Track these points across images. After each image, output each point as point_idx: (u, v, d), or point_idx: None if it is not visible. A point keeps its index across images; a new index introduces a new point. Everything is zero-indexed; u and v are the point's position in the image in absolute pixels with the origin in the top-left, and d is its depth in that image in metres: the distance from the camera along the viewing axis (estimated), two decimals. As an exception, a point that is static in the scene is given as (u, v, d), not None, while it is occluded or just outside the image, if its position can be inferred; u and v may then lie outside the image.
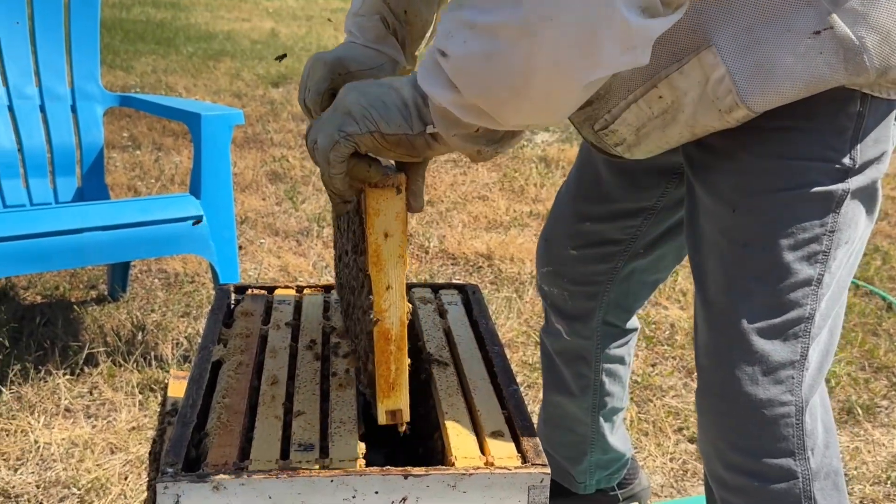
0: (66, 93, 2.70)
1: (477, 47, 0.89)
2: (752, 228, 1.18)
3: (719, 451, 1.25)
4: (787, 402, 1.20)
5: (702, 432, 1.29)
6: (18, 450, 2.02)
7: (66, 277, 2.98)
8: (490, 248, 3.47)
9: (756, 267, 1.18)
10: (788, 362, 1.19)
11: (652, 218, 1.51)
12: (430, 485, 1.01)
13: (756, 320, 1.19)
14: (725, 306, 1.21)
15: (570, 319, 1.65)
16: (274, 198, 4.03)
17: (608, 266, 1.57)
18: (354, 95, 0.99)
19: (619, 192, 1.49)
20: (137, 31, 8.37)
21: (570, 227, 1.56)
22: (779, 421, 1.20)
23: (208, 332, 1.34)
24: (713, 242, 1.23)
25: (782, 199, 1.16)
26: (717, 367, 1.23)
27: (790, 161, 1.15)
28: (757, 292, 1.19)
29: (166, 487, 0.98)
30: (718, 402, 1.24)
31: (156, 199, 2.39)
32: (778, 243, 1.17)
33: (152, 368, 2.39)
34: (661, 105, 1.15)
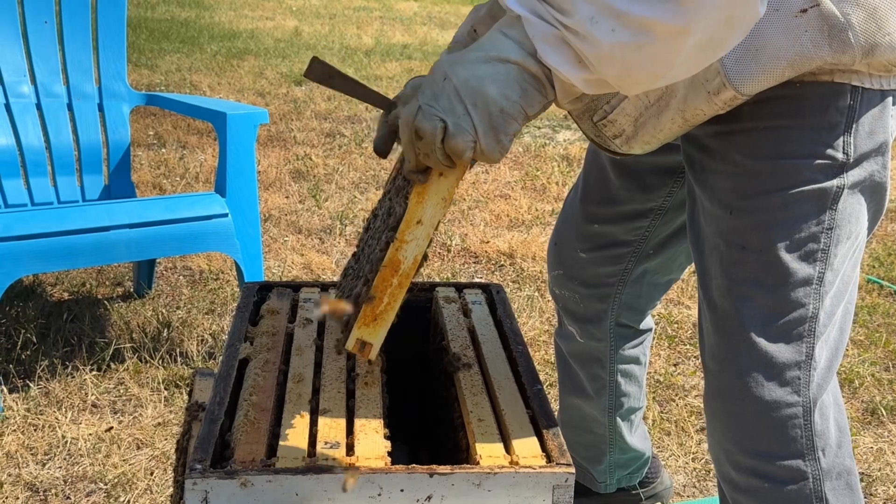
0: (94, 91, 2.72)
1: (627, 37, 0.89)
2: (748, 231, 1.18)
3: (729, 454, 1.25)
4: (794, 404, 1.20)
5: (711, 436, 1.29)
6: (46, 444, 2.05)
7: (92, 274, 3.01)
8: (512, 246, 3.48)
9: (755, 269, 1.18)
10: (794, 363, 1.19)
11: (660, 218, 1.51)
12: (455, 483, 1.01)
13: (759, 323, 1.19)
14: (728, 309, 1.21)
15: (583, 322, 1.65)
16: (297, 196, 4.05)
17: (618, 268, 1.57)
18: (491, 88, 0.97)
19: (626, 193, 1.49)
20: (162, 30, 8.43)
21: (579, 229, 1.56)
22: (786, 422, 1.20)
23: (235, 330, 1.35)
24: (713, 245, 1.23)
25: (776, 200, 1.16)
26: (723, 371, 1.23)
27: (782, 161, 1.15)
28: (758, 295, 1.18)
29: (195, 484, 0.99)
30: (726, 405, 1.24)
31: (182, 198, 2.41)
32: (775, 244, 1.17)
33: (177, 365, 2.41)
34: (657, 92, 1.15)
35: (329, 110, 5.77)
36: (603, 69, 0.93)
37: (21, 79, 2.62)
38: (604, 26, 0.90)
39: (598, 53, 0.92)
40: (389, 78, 6.92)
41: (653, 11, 0.87)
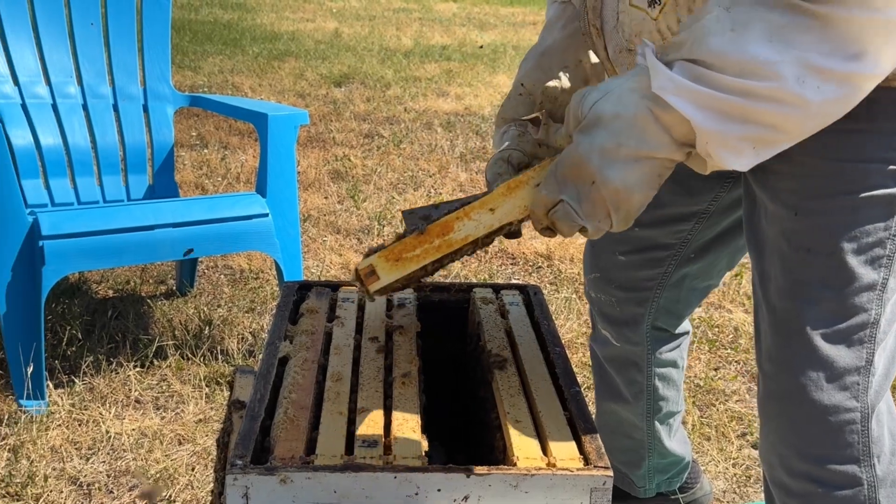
0: (139, 93, 2.77)
1: (832, 94, 0.93)
2: (814, 233, 1.17)
3: (783, 458, 1.24)
4: (853, 409, 1.19)
5: (765, 439, 1.28)
6: (90, 439, 2.09)
7: (136, 272, 3.06)
8: (550, 248, 3.47)
9: (820, 272, 1.17)
10: (854, 368, 1.18)
11: (704, 222, 1.50)
12: (492, 484, 1.02)
13: (821, 326, 1.17)
14: (789, 311, 1.20)
15: (619, 325, 1.64)
16: (336, 196, 4.08)
17: (658, 271, 1.56)
18: (638, 195, 1.03)
19: (669, 196, 1.47)
20: (205, 32, 8.54)
21: (618, 232, 1.55)
22: (844, 427, 1.19)
23: (275, 328, 1.37)
24: (775, 246, 1.22)
25: (845, 203, 1.15)
26: (781, 373, 1.22)
27: (851, 164, 1.14)
28: (821, 298, 1.17)
29: (235, 479, 1.01)
30: (783, 408, 1.23)
31: (223, 198, 2.44)
32: (841, 248, 1.15)
33: (218, 362, 2.44)
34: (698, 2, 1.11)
35: (368, 111, 5.80)
36: (799, 129, 0.96)
37: (68, 80, 2.68)
38: (810, 85, 0.91)
39: (804, 113, 0.93)
40: (428, 79, 6.94)
41: (850, 65, 0.91)
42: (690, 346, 2.65)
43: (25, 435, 2.06)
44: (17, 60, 2.59)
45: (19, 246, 2.13)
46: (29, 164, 2.56)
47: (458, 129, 5.42)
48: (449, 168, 4.58)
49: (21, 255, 2.14)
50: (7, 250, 2.13)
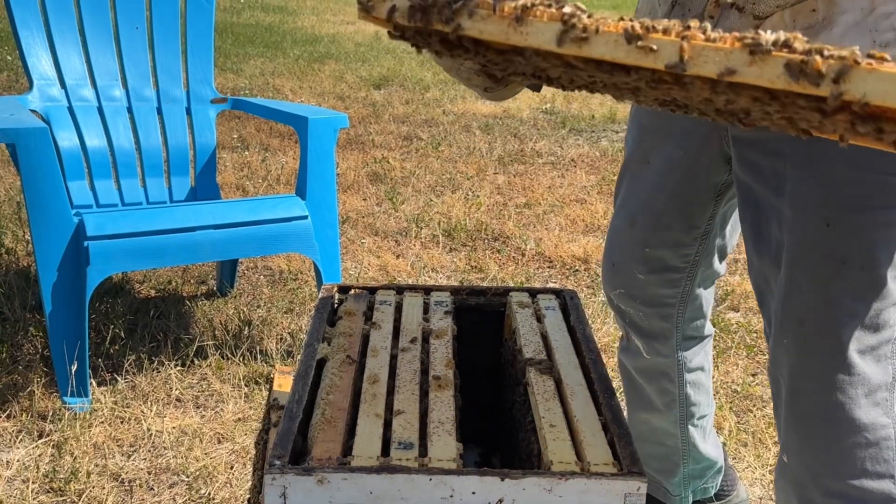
0: (182, 95, 2.82)
1: None
2: (850, 244, 1.15)
3: (817, 477, 1.22)
4: (887, 425, 1.18)
5: (797, 457, 1.25)
6: (132, 437, 2.13)
7: (178, 273, 3.11)
8: (587, 251, 3.46)
9: (856, 285, 1.15)
10: (884, 384, 1.17)
11: (706, 241, 1.50)
12: (526, 488, 1.02)
13: (856, 340, 1.16)
14: (825, 327, 1.18)
15: (649, 338, 1.63)
16: (374, 198, 4.10)
17: (676, 290, 1.56)
18: None
19: (671, 220, 1.47)
20: (247, 35, 8.63)
21: (634, 252, 1.55)
22: (881, 444, 1.17)
23: (313, 330, 1.38)
24: (802, 258, 1.19)
25: (885, 218, 1.13)
26: (820, 391, 1.20)
27: (890, 177, 1.12)
28: (856, 312, 1.15)
29: (273, 479, 1.02)
30: (820, 427, 1.21)
31: (264, 200, 2.47)
32: (879, 261, 1.14)
33: (257, 362, 2.48)
34: (809, 20, 1.08)
35: (407, 114, 5.83)
36: None
37: (113, 83, 2.73)
38: None
39: None
40: (467, 81, 6.95)
41: None
42: (728, 350, 2.63)
43: (69, 431, 2.11)
44: (64, 64, 2.65)
45: (65, 246, 2.18)
46: (75, 166, 2.62)
47: (496, 132, 5.42)
48: (487, 171, 4.59)
49: (66, 255, 2.19)
50: (53, 251, 2.18)
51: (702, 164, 1.39)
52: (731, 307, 2.99)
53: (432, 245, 3.54)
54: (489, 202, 4.09)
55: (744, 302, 3.01)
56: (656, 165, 1.45)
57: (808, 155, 1.17)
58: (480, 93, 1.12)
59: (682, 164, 1.41)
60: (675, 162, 1.42)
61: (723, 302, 3.01)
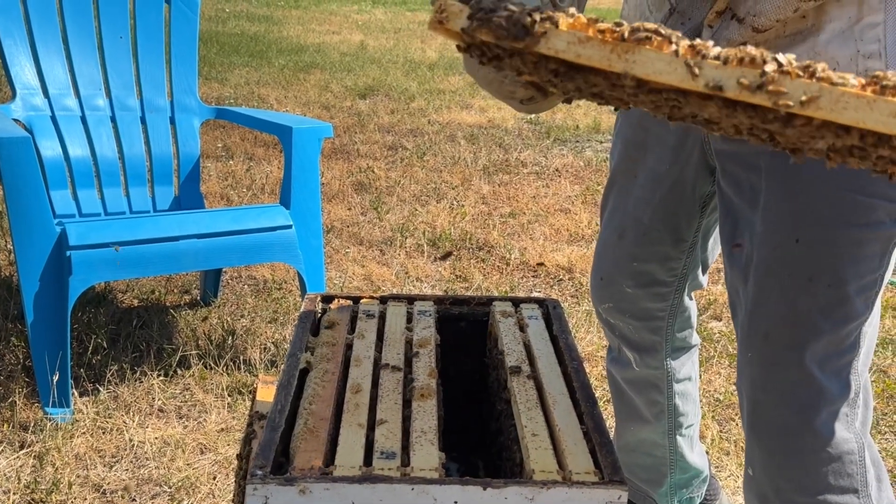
0: (166, 105, 2.81)
1: None
2: (818, 261, 1.16)
3: (781, 492, 1.23)
4: (850, 440, 1.19)
5: (763, 472, 1.25)
6: (114, 447, 2.11)
7: (161, 282, 3.10)
8: (571, 260, 3.47)
9: (823, 302, 1.16)
10: (846, 400, 1.18)
11: (692, 253, 1.51)
12: (508, 497, 1.02)
13: (820, 357, 1.17)
14: (790, 342, 1.19)
15: (640, 350, 1.64)
16: (359, 208, 4.10)
17: (665, 304, 1.57)
18: None
19: (658, 233, 1.48)
20: (232, 44, 8.63)
21: (624, 267, 1.56)
22: (843, 458, 1.18)
23: (296, 340, 1.38)
24: (770, 273, 1.20)
25: (852, 236, 1.14)
26: (782, 406, 1.21)
27: (862, 197, 1.13)
28: (823, 328, 1.17)
29: (255, 489, 1.02)
30: (783, 441, 1.22)
31: (248, 209, 2.47)
32: (846, 279, 1.15)
33: (241, 372, 2.47)
34: (799, 25, 1.09)
35: (392, 123, 5.83)
36: None
37: (97, 92, 2.73)
38: None
39: None
40: (452, 91, 6.97)
41: None
42: (710, 360, 2.64)
43: (51, 442, 2.09)
44: (48, 73, 2.64)
45: (47, 256, 2.17)
46: (58, 176, 2.61)
47: (481, 142, 5.43)
48: (472, 180, 4.60)
49: (49, 264, 2.18)
50: (35, 260, 2.17)
51: (687, 177, 1.40)
52: (714, 316, 3.00)
53: (417, 254, 3.55)
54: (474, 212, 4.09)
55: (726, 311, 3.03)
56: (642, 179, 1.46)
57: (782, 171, 1.18)
58: (516, 105, 1.12)
59: (667, 178, 1.42)
60: (660, 175, 1.43)
61: (705, 311, 3.02)
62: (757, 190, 1.21)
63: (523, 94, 1.07)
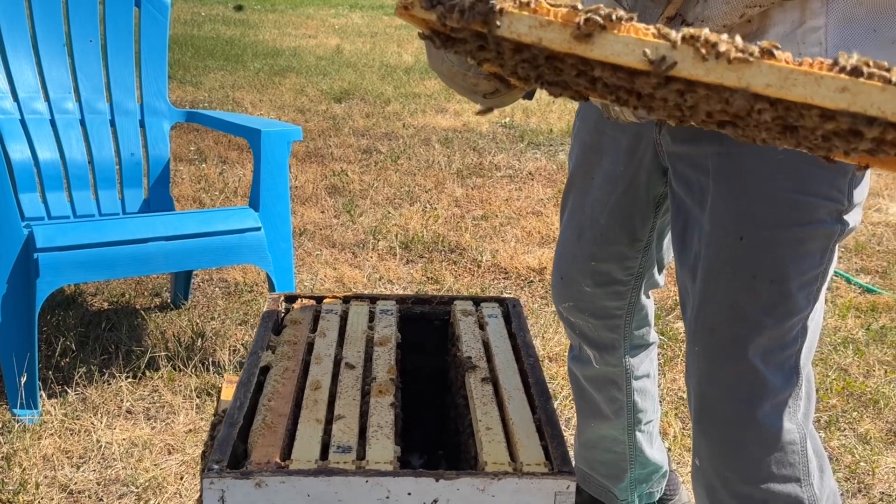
0: (135, 108, 2.82)
1: None
2: (760, 259, 1.20)
3: (726, 480, 1.27)
4: (792, 430, 1.23)
5: (708, 462, 1.29)
6: (81, 448, 2.12)
7: (131, 285, 3.10)
8: (542, 262, 3.50)
9: (766, 298, 1.20)
10: (789, 393, 1.22)
11: (647, 252, 1.54)
12: (460, 488, 1.05)
13: (764, 351, 1.21)
14: (733, 336, 1.22)
15: (599, 349, 1.68)
16: (332, 211, 4.12)
17: (622, 302, 1.61)
18: None
19: (615, 232, 1.51)
20: (207, 48, 8.61)
21: (582, 266, 1.59)
22: (786, 448, 1.22)
23: (258, 338, 1.40)
24: (716, 270, 1.24)
25: (794, 235, 1.18)
26: (726, 398, 1.25)
27: (802, 196, 1.17)
28: (766, 324, 1.20)
29: (212, 483, 1.04)
30: (728, 432, 1.25)
31: (216, 212, 2.48)
32: (788, 276, 1.19)
33: (210, 374, 2.48)
34: (745, 30, 1.12)
35: (367, 127, 5.85)
36: None
37: (66, 95, 2.73)
38: None
39: None
40: (428, 95, 7.00)
41: None
42: (674, 359, 2.68)
43: (18, 443, 2.09)
44: (17, 76, 2.64)
45: (15, 258, 2.18)
46: (26, 178, 2.61)
47: (455, 146, 5.46)
48: (445, 184, 4.63)
49: (16, 267, 2.18)
50: (2, 262, 2.17)
51: (640, 179, 1.44)
52: (679, 317, 3.04)
53: (389, 257, 3.57)
54: (447, 214, 4.12)
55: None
56: (599, 181, 1.50)
57: (727, 171, 1.22)
58: (479, 99, 1.13)
59: (622, 179, 1.46)
60: (615, 177, 1.46)
61: (671, 312, 3.07)
62: (705, 190, 1.24)
63: (486, 87, 1.08)
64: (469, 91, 1.10)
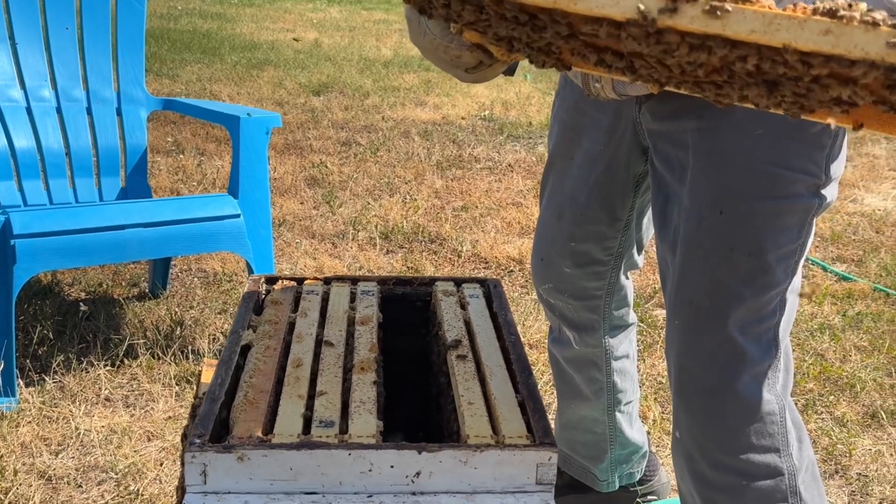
0: (112, 96, 2.80)
1: None
2: (739, 232, 1.21)
3: (705, 451, 1.28)
4: (771, 401, 1.24)
5: (687, 433, 1.30)
6: (60, 435, 2.10)
7: (108, 275, 3.08)
8: (522, 252, 3.51)
9: (744, 271, 1.21)
10: (768, 364, 1.24)
11: (627, 232, 1.55)
12: (442, 460, 1.05)
13: (742, 323, 1.22)
14: (712, 308, 1.24)
15: (579, 329, 1.69)
16: (312, 202, 4.11)
17: (602, 283, 1.62)
18: None
19: (595, 212, 1.52)
20: (184, 41, 8.55)
21: (562, 247, 1.59)
22: (765, 419, 1.24)
23: (239, 318, 1.40)
24: (695, 244, 1.25)
25: (771, 208, 1.19)
26: (705, 369, 1.26)
27: (781, 170, 1.19)
28: (744, 295, 1.22)
29: (193, 457, 1.04)
30: (709, 403, 1.27)
31: (195, 199, 2.47)
32: (766, 249, 1.20)
33: (189, 362, 2.47)
34: None
35: (346, 120, 5.84)
36: None
37: (42, 83, 2.70)
38: None
39: None
40: (407, 89, 6.99)
41: None
42: (654, 345, 2.70)
43: (-5, 432, 2.08)
44: (-8, 63, 2.61)
45: (-9, 245, 2.15)
46: (2, 167, 2.58)
47: (434, 138, 5.46)
48: (425, 175, 4.62)
49: (-8, 254, 2.16)
50: (-22, 249, 2.15)
51: (620, 158, 1.45)
52: (659, 304, 3.06)
53: (369, 247, 3.56)
54: (427, 205, 4.12)
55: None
56: (579, 160, 1.50)
57: (707, 146, 1.23)
58: (461, 74, 1.11)
59: (602, 158, 1.47)
60: (595, 156, 1.47)
61: (650, 300, 3.08)
62: (685, 166, 1.25)
63: (469, 59, 1.08)
64: (451, 65, 1.10)
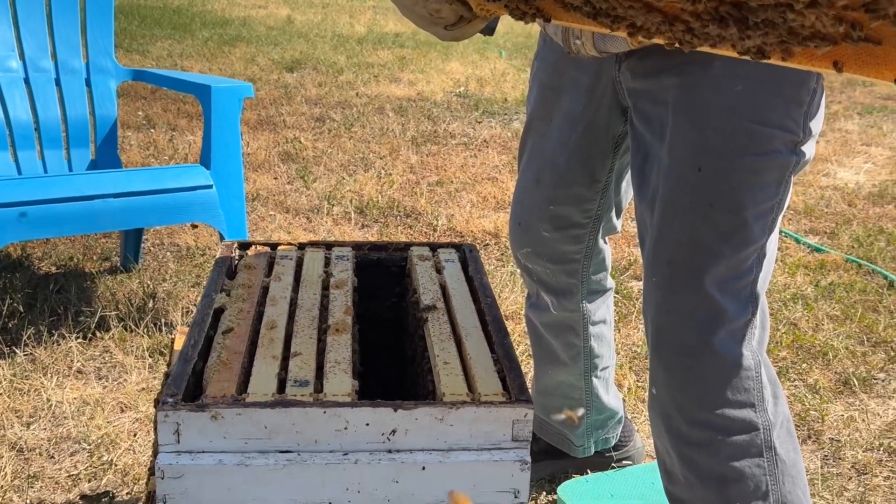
0: (81, 67, 2.75)
1: None
2: (718, 189, 1.21)
3: (682, 408, 1.29)
4: (747, 357, 1.25)
5: (665, 390, 1.31)
6: (31, 407, 2.08)
7: (79, 249, 3.04)
8: (497, 226, 3.51)
9: (723, 228, 1.21)
10: (745, 320, 1.24)
11: (606, 195, 1.55)
12: (418, 418, 1.05)
13: (720, 280, 1.23)
14: (691, 266, 1.24)
15: (557, 294, 1.68)
16: (286, 177, 4.08)
17: (580, 246, 1.61)
18: None
19: (574, 175, 1.51)
20: (154, 17, 8.44)
21: (541, 211, 1.59)
22: (741, 374, 1.24)
23: (212, 282, 1.38)
24: (674, 202, 1.24)
25: (749, 164, 1.20)
26: (681, 327, 1.26)
27: (759, 127, 1.19)
28: (722, 252, 1.22)
29: (166, 416, 1.02)
30: (686, 360, 1.27)
31: (167, 169, 2.44)
32: (744, 206, 1.20)
33: (162, 334, 2.44)
34: None
35: (319, 96, 5.79)
36: None
37: (9, 53, 2.65)
38: None
39: None
40: (381, 65, 6.94)
41: None
42: (629, 315, 2.71)
43: (-36, 404, 2.05)
44: (-44, 31, 2.55)
45: (-43, 215, 2.11)
46: (-31, 137, 2.53)
47: (409, 114, 5.43)
48: (400, 151, 4.60)
49: (-41, 224, 2.12)
50: (-55, 219, 2.11)
51: (600, 118, 1.44)
52: (634, 276, 3.08)
53: (344, 222, 3.54)
54: (402, 180, 4.10)
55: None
56: (558, 122, 1.49)
57: (686, 104, 1.22)
58: (440, 32, 1.09)
59: (582, 119, 1.46)
60: (575, 117, 1.46)
61: (626, 271, 3.10)
62: (665, 124, 1.25)
63: (448, 15, 1.06)
64: (430, 21, 1.09)
